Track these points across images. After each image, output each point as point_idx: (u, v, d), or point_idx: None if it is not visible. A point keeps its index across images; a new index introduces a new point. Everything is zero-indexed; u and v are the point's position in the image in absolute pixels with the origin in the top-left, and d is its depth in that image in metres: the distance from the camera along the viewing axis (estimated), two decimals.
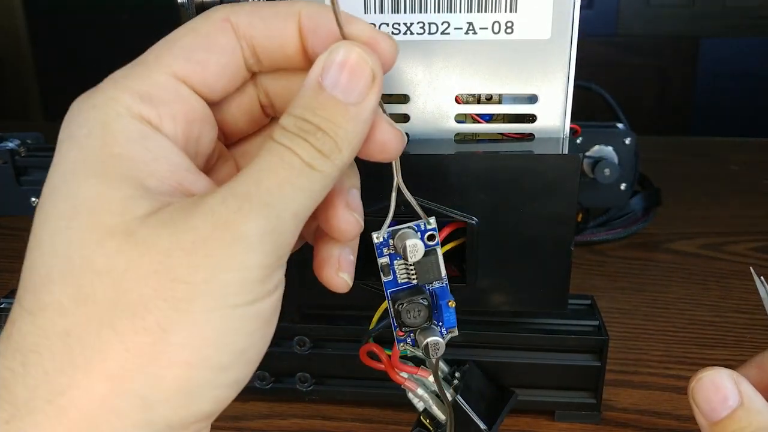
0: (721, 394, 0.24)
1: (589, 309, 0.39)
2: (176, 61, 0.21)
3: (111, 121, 0.20)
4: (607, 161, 0.55)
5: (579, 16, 0.32)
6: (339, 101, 0.20)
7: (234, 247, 0.18)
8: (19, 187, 0.57)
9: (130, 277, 0.18)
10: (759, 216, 0.67)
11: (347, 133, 0.20)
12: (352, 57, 0.21)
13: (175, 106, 0.21)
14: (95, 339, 0.18)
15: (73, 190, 0.19)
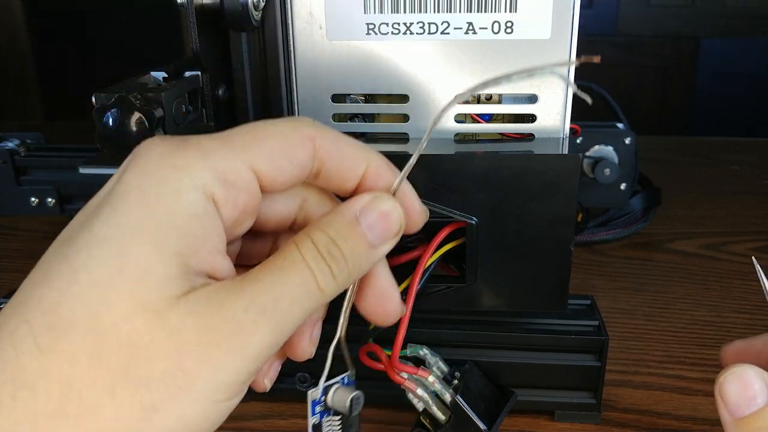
0: (750, 391, 0.24)
1: (589, 309, 0.39)
2: (260, 158, 0.22)
3: (185, 191, 0.21)
4: (607, 161, 0.55)
5: (579, 16, 0.32)
6: (367, 240, 0.23)
7: (239, 354, 0.20)
8: (19, 186, 0.57)
9: (148, 354, 0.19)
10: (759, 216, 0.67)
11: (360, 268, 0.23)
12: (395, 214, 0.24)
13: (242, 194, 0.22)
14: (94, 399, 0.19)
15: (127, 247, 0.20)
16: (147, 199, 0.21)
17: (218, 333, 0.20)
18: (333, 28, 0.33)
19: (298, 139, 0.23)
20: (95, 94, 0.28)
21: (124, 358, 0.19)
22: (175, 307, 0.20)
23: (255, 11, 0.30)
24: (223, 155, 0.22)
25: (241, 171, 0.22)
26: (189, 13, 0.30)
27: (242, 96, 0.33)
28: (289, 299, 0.21)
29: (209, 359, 0.20)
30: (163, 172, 0.21)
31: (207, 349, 0.20)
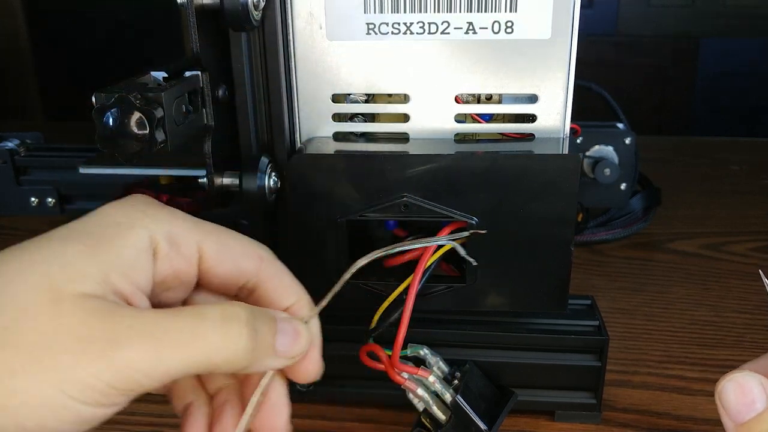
0: (748, 396, 0.24)
1: (589, 309, 0.39)
2: (210, 243, 0.27)
3: (138, 228, 0.25)
4: (607, 161, 0.55)
5: (579, 16, 0.32)
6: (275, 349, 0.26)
7: (104, 361, 0.22)
8: (19, 186, 0.57)
9: (27, 327, 0.22)
10: (759, 216, 0.67)
11: (257, 360, 0.25)
12: (303, 340, 0.27)
13: (181, 261, 0.26)
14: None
15: (66, 241, 0.24)
16: (106, 222, 0.25)
17: (97, 334, 0.22)
18: (333, 28, 0.33)
19: (249, 248, 0.28)
20: (95, 94, 0.28)
21: (7, 322, 0.22)
22: (78, 299, 0.23)
23: (255, 11, 0.30)
24: (183, 225, 0.26)
25: (189, 242, 0.26)
26: (189, 13, 0.30)
27: (242, 96, 0.33)
28: (176, 339, 0.23)
29: (77, 350, 0.22)
30: (131, 210, 0.26)
31: (80, 341, 0.22)
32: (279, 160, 0.34)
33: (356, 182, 0.32)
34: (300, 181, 0.33)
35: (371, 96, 0.35)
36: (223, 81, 0.33)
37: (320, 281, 0.35)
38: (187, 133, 0.30)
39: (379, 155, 0.32)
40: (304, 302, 0.29)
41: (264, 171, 0.33)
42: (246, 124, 0.34)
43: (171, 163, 0.42)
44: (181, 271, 0.26)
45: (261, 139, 0.34)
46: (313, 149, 0.34)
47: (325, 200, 0.33)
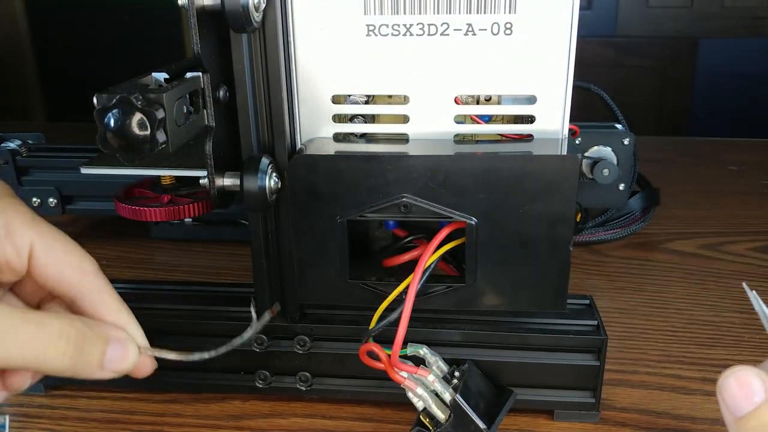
0: (746, 390, 0.24)
1: (588, 309, 0.39)
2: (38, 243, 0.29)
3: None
4: (605, 162, 0.55)
5: (578, 16, 0.32)
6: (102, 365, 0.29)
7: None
8: (21, 187, 0.57)
9: None
10: (757, 216, 0.67)
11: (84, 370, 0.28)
12: (132, 356, 0.30)
13: (9, 244, 0.29)
14: None
15: None
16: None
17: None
18: (333, 29, 0.33)
19: (74, 258, 0.31)
20: (96, 95, 0.28)
21: None
22: None
23: (256, 12, 0.31)
24: (21, 218, 0.29)
25: (23, 235, 0.29)
26: (190, 14, 0.30)
27: (243, 97, 0.33)
28: (20, 339, 0.26)
29: None
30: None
31: None
32: (279, 160, 0.34)
33: (356, 183, 0.32)
34: (300, 182, 0.33)
35: (371, 97, 0.35)
36: (224, 82, 0.33)
37: (320, 280, 0.35)
38: (188, 133, 0.30)
39: (379, 156, 0.32)
40: (126, 322, 0.31)
41: (264, 171, 0.33)
42: (247, 124, 0.34)
43: (172, 164, 0.42)
44: (10, 260, 0.29)
45: (261, 139, 0.34)
46: (314, 150, 0.34)
47: (325, 200, 0.33)
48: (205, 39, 0.31)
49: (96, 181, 0.55)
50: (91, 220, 0.65)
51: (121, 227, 0.62)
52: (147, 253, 0.59)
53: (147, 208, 0.46)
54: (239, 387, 0.39)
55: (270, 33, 0.32)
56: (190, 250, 0.59)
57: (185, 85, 0.30)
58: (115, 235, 0.62)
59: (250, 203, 0.33)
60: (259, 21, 0.31)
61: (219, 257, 0.58)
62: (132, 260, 0.57)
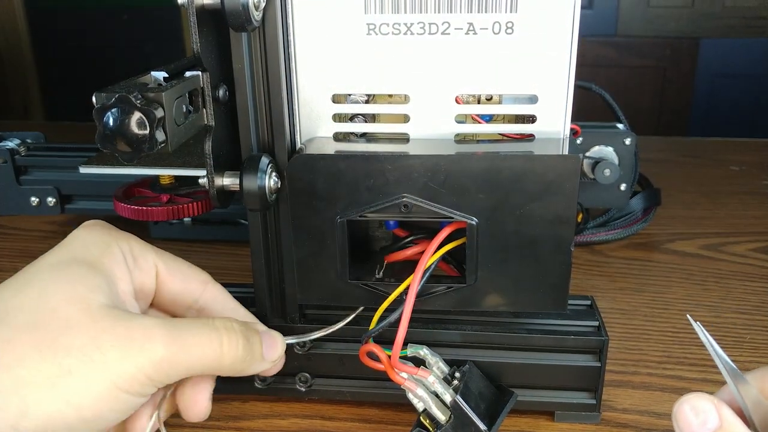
0: (701, 417, 0.25)
1: (589, 309, 0.39)
2: (163, 262, 0.33)
3: (112, 245, 0.31)
4: (607, 162, 0.55)
5: (579, 16, 0.32)
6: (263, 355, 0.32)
7: (142, 353, 0.27)
8: (19, 186, 0.57)
9: (73, 332, 0.26)
10: (758, 216, 0.67)
11: (251, 363, 0.32)
12: (280, 345, 0.34)
13: (143, 274, 0.32)
14: (23, 353, 0.26)
15: (68, 265, 0.29)
16: (87, 244, 0.30)
17: (130, 332, 0.27)
18: (333, 29, 0.33)
19: (194, 270, 0.34)
20: (96, 94, 0.28)
21: (54, 331, 0.26)
22: (102, 308, 0.27)
23: (255, 11, 0.30)
24: (139, 243, 0.32)
25: (147, 258, 0.32)
26: (190, 13, 0.30)
27: (243, 96, 0.33)
28: (192, 338, 0.28)
29: (121, 346, 0.27)
30: (100, 232, 0.31)
31: (120, 339, 0.27)
32: (279, 160, 0.34)
33: (356, 182, 0.32)
34: (300, 181, 0.33)
35: (371, 96, 0.35)
36: (224, 81, 0.33)
37: (320, 281, 0.35)
38: (187, 133, 0.30)
39: (379, 155, 0.32)
40: (250, 319, 0.35)
41: (264, 171, 0.33)
42: (246, 124, 0.34)
43: (171, 163, 0.42)
44: (144, 283, 0.32)
45: (261, 139, 0.34)
46: (314, 149, 0.34)
47: (325, 200, 0.33)
48: (204, 38, 0.31)
49: (95, 181, 0.55)
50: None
51: (119, 226, 0.62)
52: None
53: (146, 208, 0.46)
54: (239, 388, 0.39)
55: (270, 32, 0.32)
56: (190, 250, 0.59)
57: (184, 84, 0.30)
58: None
59: (249, 203, 0.33)
60: (259, 20, 0.31)
61: (218, 257, 0.58)
62: None
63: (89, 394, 0.26)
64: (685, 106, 1.89)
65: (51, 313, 0.27)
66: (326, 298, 0.35)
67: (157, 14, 1.83)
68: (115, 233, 0.32)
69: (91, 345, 0.26)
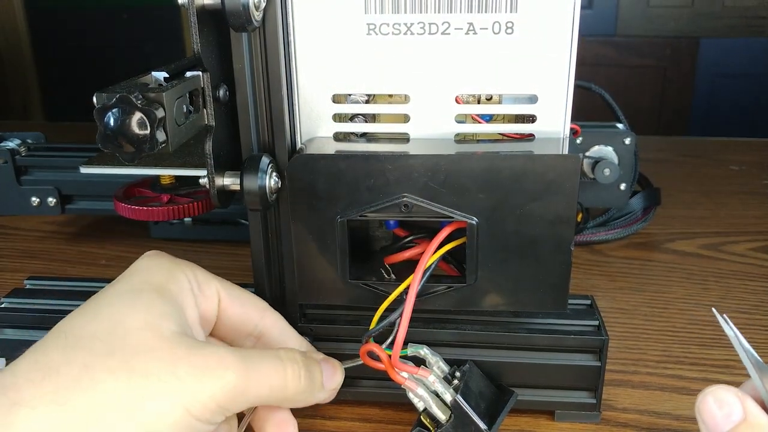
0: (725, 409, 0.25)
1: (589, 309, 0.39)
2: (225, 290, 0.33)
3: (178, 273, 0.31)
4: (606, 161, 0.55)
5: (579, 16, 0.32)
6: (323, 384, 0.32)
7: (216, 381, 0.27)
8: (20, 186, 0.57)
9: (150, 357, 0.27)
10: (758, 216, 0.67)
11: (312, 393, 0.32)
12: (339, 374, 0.34)
13: (207, 300, 0.32)
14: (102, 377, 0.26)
15: (139, 293, 0.29)
16: (152, 272, 0.31)
17: (206, 359, 0.27)
18: (333, 29, 0.33)
19: (254, 297, 0.34)
20: (96, 94, 0.28)
21: (130, 355, 0.26)
22: (175, 335, 0.28)
23: (256, 11, 0.30)
24: (202, 271, 0.32)
25: (210, 285, 0.32)
26: (190, 13, 0.30)
27: (243, 96, 0.33)
28: (260, 368, 0.29)
29: (196, 373, 0.27)
30: (163, 260, 0.32)
31: (196, 367, 0.27)
32: (280, 160, 0.34)
33: (356, 182, 0.32)
34: (300, 181, 0.33)
35: (372, 96, 0.35)
36: (224, 81, 0.33)
37: (320, 280, 0.35)
38: (188, 133, 0.30)
39: (379, 155, 0.32)
40: (306, 347, 0.35)
41: (265, 171, 0.33)
42: (247, 124, 0.34)
43: (172, 163, 0.42)
44: (207, 309, 0.32)
45: (262, 139, 0.34)
46: (314, 149, 0.34)
47: (325, 200, 0.33)
48: (205, 38, 0.31)
49: (95, 181, 0.55)
50: (91, 220, 0.65)
51: (120, 227, 0.62)
52: None
53: (146, 208, 0.46)
54: None
55: (270, 32, 0.32)
56: (190, 250, 0.59)
57: (185, 84, 0.30)
58: (114, 234, 0.62)
59: (250, 203, 0.33)
60: (259, 20, 0.31)
61: (218, 257, 0.58)
62: (131, 260, 0.57)
63: (164, 421, 0.26)
64: (684, 105, 1.89)
65: (125, 340, 0.27)
66: (326, 298, 0.35)
67: (157, 14, 1.82)
68: (179, 261, 0.32)
69: (166, 371, 0.26)
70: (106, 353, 0.26)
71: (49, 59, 1.98)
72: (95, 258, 0.58)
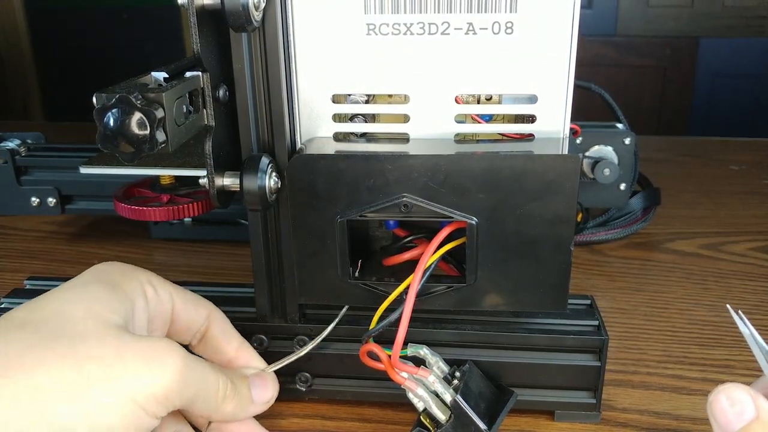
0: (737, 407, 0.25)
1: (589, 309, 0.39)
2: (176, 293, 0.34)
3: (132, 276, 0.33)
4: (606, 161, 0.55)
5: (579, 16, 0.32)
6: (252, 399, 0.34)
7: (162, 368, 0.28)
8: (20, 186, 0.57)
9: (96, 343, 0.27)
10: (758, 216, 0.67)
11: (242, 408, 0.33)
12: (272, 387, 0.35)
13: (160, 303, 0.33)
14: (47, 360, 0.26)
15: (87, 287, 0.30)
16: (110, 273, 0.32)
17: (153, 345, 0.28)
18: (333, 29, 0.33)
19: (201, 299, 0.36)
20: (96, 95, 0.28)
21: (77, 341, 0.27)
22: (120, 327, 0.28)
23: (255, 11, 0.30)
24: (156, 277, 0.34)
25: (164, 289, 0.33)
26: (190, 14, 0.30)
27: (243, 96, 0.33)
28: (203, 368, 0.30)
29: (144, 358, 0.27)
30: (121, 266, 0.33)
31: (144, 351, 0.27)
32: (279, 160, 0.34)
33: (356, 182, 0.32)
34: (300, 181, 0.33)
35: (371, 96, 0.35)
36: (224, 81, 0.33)
37: (320, 280, 0.35)
38: (187, 133, 0.30)
39: (379, 155, 0.32)
40: (247, 348, 0.36)
41: (264, 171, 0.33)
42: (246, 124, 0.34)
43: (171, 164, 0.42)
44: (163, 311, 0.33)
45: (261, 139, 0.34)
46: (314, 149, 0.34)
47: (325, 200, 0.33)
48: (204, 38, 0.31)
49: (95, 181, 0.55)
50: (90, 220, 0.65)
51: (120, 227, 0.62)
52: (146, 253, 0.59)
53: (146, 208, 0.46)
54: None
55: (270, 32, 0.32)
56: (190, 250, 0.59)
57: (185, 85, 0.30)
58: (114, 234, 0.62)
59: (249, 203, 0.33)
60: (259, 20, 0.31)
61: (218, 257, 0.58)
62: (131, 260, 0.57)
63: (108, 407, 0.26)
64: (684, 105, 1.90)
65: (71, 327, 0.27)
66: (326, 298, 0.35)
67: (157, 14, 1.82)
68: (136, 267, 0.33)
69: (113, 356, 0.26)
70: (52, 338, 0.27)
71: (49, 59, 1.98)
72: (95, 258, 0.58)
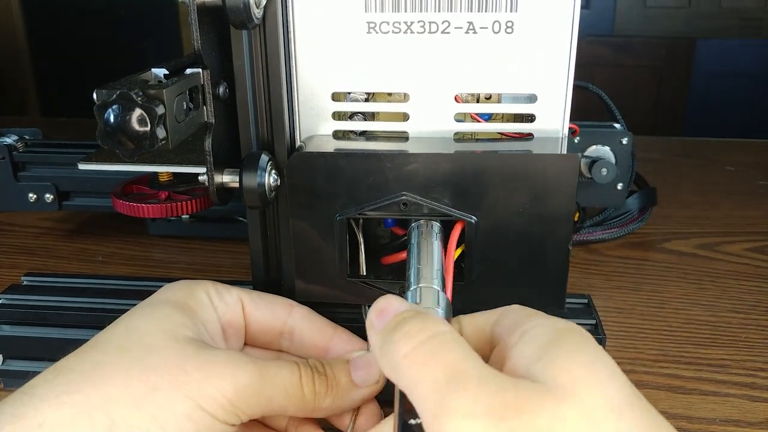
0: (395, 304, 0.25)
1: (586, 308, 0.39)
2: (246, 295, 0.34)
3: (197, 289, 0.33)
4: (604, 161, 0.55)
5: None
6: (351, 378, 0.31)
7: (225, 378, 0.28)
8: (17, 182, 0.57)
9: (160, 355, 0.28)
10: (754, 216, 0.67)
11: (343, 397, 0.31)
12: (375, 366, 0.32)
13: (229, 309, 0.33)
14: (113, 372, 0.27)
15: (155, 306, 0.31)
16: (172, 290, 0.32)
17: (215, 358, 0.28)
18: (334, 27, 0.33)
19: (277, 297, 0.35)
20: (96, 91, 0.28)
21: (142, 354, 0.28)
22: (189, 339, 0.29)
23: (256, 9, 0.30)
24: (221, 285, 0.33)
25: (231, 294, 0.33)
26: (191, 10, 0.30)
27: (243, 94, 0.33)
28: (274, 371, 0.29)
29: (205, 369, 0.28)
30: (186, 282, 0.33)
31: (205, 364, 0.28)
32: (279, 157, 0.34)
33: (356, 180, 0.32)
34: (299, 179, 0.33)
35: (371, 94, 0.35)
36: (224, 78, 0.33)
37: (319, 278, 0.35)
38: (187, 130, 0.30)
39: (378, 154, 0.32)
40: (343, 334, 0.34)
41: (264, 168, 0.33)
42: (246, 121, 0.34)
43: (171, 160, 0.42)
44: (233, 317, 0.33)
45: (261, 136, 0.34)
46: (313, 147, 0.34)
47: (324, 198, 0.33)
48: (205, 35, 0.31)
49: (93, 177, 0.55)
50: (88, 216, 0.65)
51: (118, 224, 0.62)
52: (144, 250, 0.58)
53: (144, 205, 0.46)
54: None
55: (270, 30, 0.32)
56: (188, 247, 0.59)
57: (185, 82, 0.30)
58: (112, 231, 0.62)
59: (249, 200, 0.33)
60: (259, 17, 0.31)
61: (217, 254, 0.58)
62: (129, 257, 0.57)
63: (174, 411, 0.26)
64: (681, 106, 1.90)
65: (139, 341, 0.28)
66: (325, 296, 0.36)
67: (156, 13, 1.82)
68: (198, 280, 0.33)
69: (176, 366, 0.27)
70: (118, 352, 0.28)
71: (46, 55, 1.98)
72: (92, 254, 0.58)
